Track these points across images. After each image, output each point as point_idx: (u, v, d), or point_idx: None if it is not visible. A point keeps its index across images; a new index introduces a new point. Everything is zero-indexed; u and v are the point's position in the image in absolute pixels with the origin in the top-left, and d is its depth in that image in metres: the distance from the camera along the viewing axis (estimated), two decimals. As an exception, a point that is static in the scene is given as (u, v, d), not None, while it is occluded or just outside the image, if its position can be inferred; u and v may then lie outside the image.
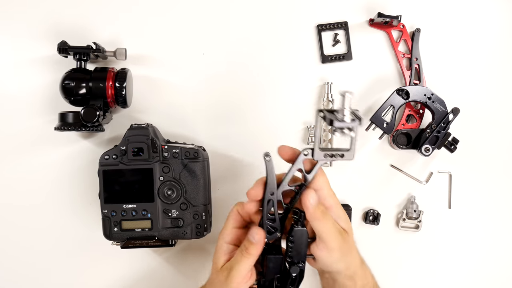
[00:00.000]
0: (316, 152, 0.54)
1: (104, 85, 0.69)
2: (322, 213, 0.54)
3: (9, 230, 0.76)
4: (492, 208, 0.79)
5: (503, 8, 0.79)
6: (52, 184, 0.76)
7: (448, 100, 0.73)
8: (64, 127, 0.68)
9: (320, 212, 0.54)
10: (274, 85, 0.77)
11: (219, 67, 0.77)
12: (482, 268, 0.80)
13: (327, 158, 0.54)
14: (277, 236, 0.57)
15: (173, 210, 0.68)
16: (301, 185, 0.55)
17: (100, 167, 0.67)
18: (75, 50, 0.69)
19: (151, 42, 0.76)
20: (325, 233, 0.54)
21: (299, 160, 0.54)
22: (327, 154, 0.54)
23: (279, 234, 0.57)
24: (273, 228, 0.56)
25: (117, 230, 0.68)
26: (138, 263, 0.77)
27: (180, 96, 0.76)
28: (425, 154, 0.73)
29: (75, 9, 0.75)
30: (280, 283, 0.57)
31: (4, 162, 0.75)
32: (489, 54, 0.79)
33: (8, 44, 0.75)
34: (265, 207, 0.55)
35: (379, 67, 0.78)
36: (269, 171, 0.54)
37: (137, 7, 0.76)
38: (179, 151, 0.68)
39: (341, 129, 0.51)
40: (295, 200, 0.56)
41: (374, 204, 0.78)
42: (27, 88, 0.75)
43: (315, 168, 0.54)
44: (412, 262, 0.79)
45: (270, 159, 0.54)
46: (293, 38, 0.77)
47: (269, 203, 0.55)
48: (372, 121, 0.73)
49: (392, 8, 0.76)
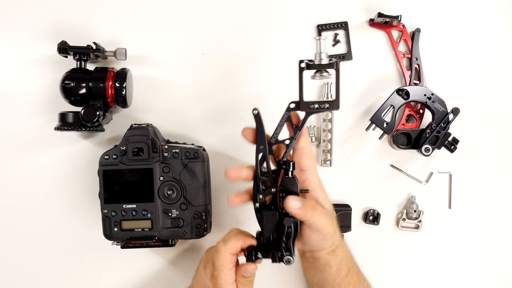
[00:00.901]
0: (301, 103, 0.56)
1: (104, 85, 0.69)
2: (312, 208, 0.56)
3: (9, 230, 0.76)
4: (492, 208, 0.79)
5: (503, 8, 0.79)
6: (52, 184, 0.76)
7: (448, 100, 0.73)
8: (64, 127, 0.68)
9: (310, 209, 0.56)
10: (274, 85, 0.77)
11: (219, 67, 0.77)
12: (482, 268, 0.80)
13: (313, 109, 0.56)
14: (272, 192, 0.58)
15: (173, 210, 0.68)
16: (291, 138, 0.57)
17: (100, 167, 0.67)
18: (75, 50, 0.69)
19: (151, 42, 0.76)
20: (319, 224, 0.56)
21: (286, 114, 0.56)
22: (313, 105, 0.56)
23: (274, 190, 0.58)
24: (268, 183, 0.58)
25: (117, 230, 0.68)
26: (138, 263, 0.77)
27: (180, 96, 0.76)
28: (425, 154, 0.73)
29: (75, 9, 0.75)
30: (277, 236, 0.58)
31: (4, 162, 0.75)
32: (489, 54, 0.79)
33: (8, 44, 0.75)
34: (257, 160, 0.57)
35: (379, 67, 0.78)
36: (258, 124, 0.56)
37: (137, 7, 0.76)
38: (179, 151, 0.68)
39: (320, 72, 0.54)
40: (286, 153, 0.57)
41: (374, 204, 0.78)
42: (27, 88, 0.75)
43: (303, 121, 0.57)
44: (412, 262, 0.79)
45: (258, 112, 0.56)
46: (293, 38, 0.77)
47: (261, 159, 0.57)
48: (372, 121, 0.73)
49: (392, 8, 0.76)
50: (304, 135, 0.58)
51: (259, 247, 0.58)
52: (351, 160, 0.78)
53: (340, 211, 0.75)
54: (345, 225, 0.76)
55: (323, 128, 0.76)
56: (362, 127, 0.76)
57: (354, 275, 0.64)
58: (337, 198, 0.78)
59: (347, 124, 0.78)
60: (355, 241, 0.77)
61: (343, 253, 0.62)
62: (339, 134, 0.77)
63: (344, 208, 0.76)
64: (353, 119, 0.78)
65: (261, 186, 0.58)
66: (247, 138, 0.59)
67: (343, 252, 0.62)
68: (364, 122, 0.76)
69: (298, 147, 0.59)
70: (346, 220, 0.76)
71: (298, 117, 0.58)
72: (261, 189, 0.58)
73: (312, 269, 0.63)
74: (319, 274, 0.62)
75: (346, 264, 0.62)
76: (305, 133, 0.59)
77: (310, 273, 0.66)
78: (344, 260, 0.62)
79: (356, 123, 0.78)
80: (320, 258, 0.60)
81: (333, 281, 0.62)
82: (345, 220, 0.76)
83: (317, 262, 0.61)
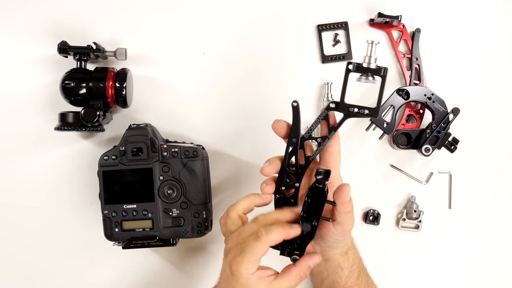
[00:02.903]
0: (341, 105, 0.56)
1: (104, 85, 0.69)
2: (352, 206, 0.56)
3: (9, 230, 0.76)
4: (492, 208, 0.79)
5: (503, 8, 0.79)
6: (52, 184, 0.75)
7: (448, 100, 0.73)
8: (64, 127, 0.68)
9: (352, 206, 0.56)
10: (274, 85, 0.77)
11: (219, 67, 0.77)
12: (482, 268, 0.80)
13: (352, 113, 0.56)
14: (296, 186, 0.58)
15: (174, 209, 0.68)
16: (324, 138, 0.57)
17: (100, 168, 0.67)
18: (75, 50, 0.69)
19: (151, 42, 0.76)
20: (348, 221, 0.56)
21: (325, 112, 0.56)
22: (352, 109, 0.56)
23: (298, 185, 0.58)
24: (292, 176, 0.58)
25: (118, 231, 0.68)
26: (140, 263, 0.77)
27: (180, 96, 0.76)
28: (425, 154, 0.73)
29: (75, 9, 0.75)
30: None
31: (4, 162, 0.75)
32: (489, 54, 0.79)
33: (8, 44, 0.75)
34: (287, 152, 0.57)
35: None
36: (295, 116, 0.56)
37: (137, 7, 0.76)
38: (178, 150, 0.68)
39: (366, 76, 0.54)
40: (317, 151, 0.57)
41: (374, 204, 0.78)
42: (27, 88, 0.75)
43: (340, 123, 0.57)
44: (412, 262, 0.79)
45: (297, 104, 0.56)
46: (293, 38, 0.77)
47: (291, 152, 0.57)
48: (372, 121, 0.73)
49: (392, 8, 0.76)
50: (336, 138, 0.58)
51: None
52: (351, 160, 0.78)
53: (340, 211, 0.75)
54: (345, 225, 0.76)
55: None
56: (362, 127, 0.76)
57: (364, 277, 0.63)
58: (337, 198, 0.78)
59: (347, 124, 0.77)
60: (355, 241, 0.77)
61: (354, 255, 0.61)
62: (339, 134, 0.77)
63: (344, 208, 0.76)
64: (353, 119, 0.77)
65: (286, 179, 0.58)
66: (279, 131, 0.57)
67: (354, 254, 0.61)
68: (364, 122, 0.76)
69: (329, 146, 0.58)
70: (346, 220, 0.76)
71: (334, 118, 0.58)
72: (285, 181, 0.58)
73: (321, 273, 0.62)
74: (330, 277, 0.61)
75: (357, 267, 0.61)
76: (337, 136, 0.58)
77: (318, 278, 0.64)
78: (355, 262, 0.61)
79: (356, 123, 0.78)
80: (331, 260, 0.60)
81: (344, 284, 0.61)
82: (345, 220, 0.76)
83: (328, 264, 0.60)
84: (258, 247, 0.52)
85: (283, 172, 0.58)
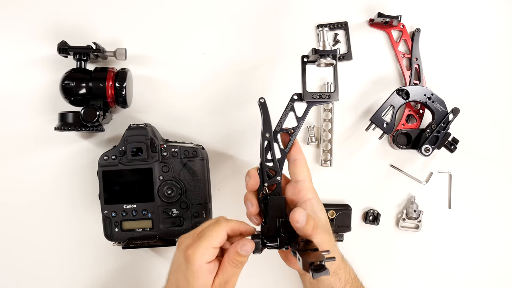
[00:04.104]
0: (304, 94, 0.60)
1: (104, 85, 0.69)
2: (313, 228, 0.54)
3: (9, 230, 0.76)
4: (492, 208, 0.79)
5: (503, 8, 0.79)
6: (52, 184, 0.76)
7: (448, 100, 0.73)
8: (64, 127, 0.68)
9: (311, 228, 0.54)
10: (274, 85, 0.77)
11: (219, 67, 0.77)
12: (482, 268, 0.80)
13: (315, 99, 0.60)
14: (277, 180, 0.60)
15: (174, 209, 0.68)
16: (295, 128, 0.60)
17: (100, 168, 0.67)
18: (75, 50, 0.69)
19: (151, 42, 0.76)
20: (319, 242, 0.54)
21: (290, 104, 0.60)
22: (315, 96, 0.60)
23: (279, 178, 0.60)
24: (272, 171, 0.60)
25: (118, 231, 0.68)
26: (140, 263, 0.77)
27: (180, 96, 0.76)
28: (425, 154, 0.73)
29: (75, 9, 0.75)
30: (284, 228, 0.57)
31: (4, 162, 0.75)
32: (489, 54, 0.79)
33: (8, 44, 0.75)
34: (262, 148, 0.59)
35: (379, 67, 0.78)
36: (264, 112, 0.60)
37: (137, 7, 0.76)
38: (178, 150, 0.68)
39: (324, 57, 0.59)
40: (291, 142, 0.60)
41: (374, 204, 0.78)
42: (27, 88, 0.75)
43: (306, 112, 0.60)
44: (412, 262, 0.79)
45: (264, 100, 0.60)
46: (293, 38, 0.77)
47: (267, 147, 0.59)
48: (372, 121, 0.73)
49: (392, 8, 0.76)
50: (296, 146, 0.60)
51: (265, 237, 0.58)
52: (351, 160, 0.78)
53: (340, 211, 0.75)
54: (345, 225, 0.76)
55: (323, 128, 0.76)
56: (362, 127, 0.76)
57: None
58: (337, 198, 0.78)
59: (347, 124, 0.78)
60: (355, 241, 0.77)
61: (346, 274, 0.60)
62: (339, 134, 0.77)
63: (344, 208, 0.76)
64: (353, 119, 0.78)
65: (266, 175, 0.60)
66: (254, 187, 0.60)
67: (346, 273, 0.60)
68: (364, 122, 0.76)
69: (291, 158, 0.60)
70: (346, 220, 0.76)
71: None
72: (266, 177, 0.59)
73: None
74: None
75: (350, 286, 0.60)
76: (297, 144, 0.60)
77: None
78: (348, 282, 0.60)
79: (356, 123, 0.78)
80: (322, 280, 0.58)
81: None
82: (345, 220, 0.76)
83: (320, 284, 0.59)
84: (218, 230, 0.53)
85: (263, 168, 0.59)
